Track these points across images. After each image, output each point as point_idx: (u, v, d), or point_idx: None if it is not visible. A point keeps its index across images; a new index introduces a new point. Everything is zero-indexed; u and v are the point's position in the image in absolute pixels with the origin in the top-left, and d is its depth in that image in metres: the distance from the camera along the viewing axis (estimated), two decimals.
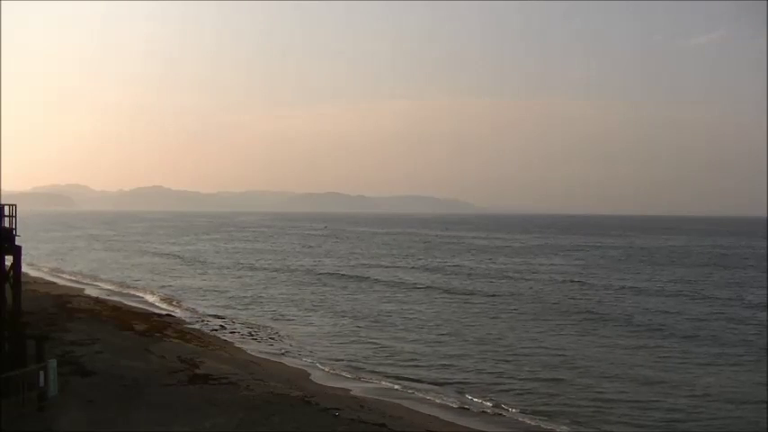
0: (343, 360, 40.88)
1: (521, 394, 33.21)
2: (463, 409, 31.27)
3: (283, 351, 43.42)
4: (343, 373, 37.80)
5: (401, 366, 39.29)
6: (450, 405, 31.93)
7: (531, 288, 73.74)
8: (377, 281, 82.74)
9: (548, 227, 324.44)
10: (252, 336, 48.29)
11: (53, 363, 25.21)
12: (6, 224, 26.13)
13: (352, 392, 32.80)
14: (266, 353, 42.43)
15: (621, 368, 38.03)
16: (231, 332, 49.12)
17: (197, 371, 31.78)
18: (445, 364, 39.67)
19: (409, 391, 34.13)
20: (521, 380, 35.98)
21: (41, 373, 24.36)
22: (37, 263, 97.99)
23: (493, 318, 55.85)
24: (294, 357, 41.72)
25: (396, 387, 34.92)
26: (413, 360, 40.83)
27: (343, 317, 56.74)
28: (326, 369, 38.72)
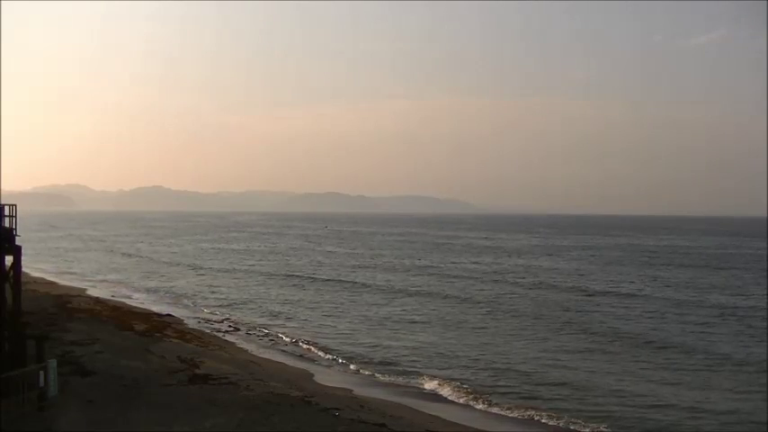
0: (343, 360, 40.90)
1: (520, 396, 33.15)
2: (464, 410, 31.31)
3: (283, 351, 43.46)
4: (344, 374, 37.84)
5: (402, 367, 39.27)
6: (451, 405, 31.97)
7: (529, 292, 72.76)
8: (377, 281, 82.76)
9: (547, 227, 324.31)
10: (252, 336, 48.33)
11: (53, 363, 25.19)
12: (6, 224, 26.14)
13: (352, 392, 32.79)
14: (266, 353, 42.46)
15: (614, 378, 36.54)
16: (231, 332, 49.14)
17: (197, 371, 31.75)
18: (445, 365, 39.66)
19: (410, 391, 34.18)
20: (520, 382, 35.89)
21: (41, 373, 24.34)
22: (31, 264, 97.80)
23: (494, 320, 55.80)
24: (294, 357, 41.75)
25: (396, 387, 34.94)
26: (413, 360, 40.82)
27: (343, 317, 56.75)
28: (326, 369, 38.75)
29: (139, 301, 64.60)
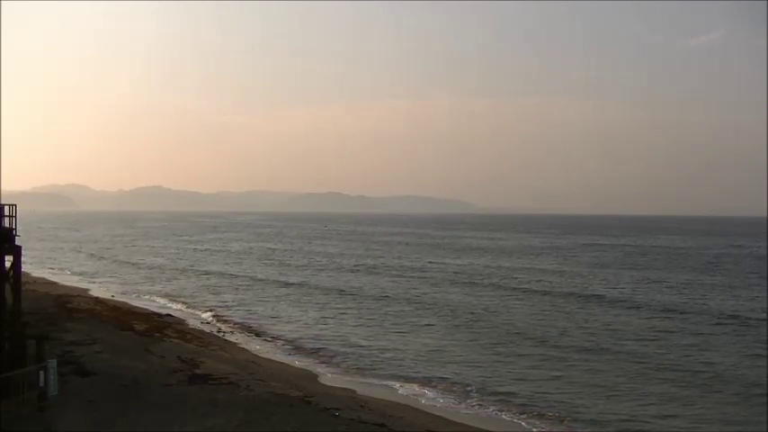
0: (343, 360, 40.93)
1: (518, 400, 33.05)
2: (463, 410, 31.35)
3: (284, 352, 43.49)
4: (345, 374, 37.84)
5: (402, 367, 39.34)
6: (451, 405, 32.00)
7: (527, 296, 71.48)
8: (377, 284, 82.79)
9: (547, 227, 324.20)
10: (252, 336, 48.35)
11: (53, 363, 25.20)
12: (6, 224, 26.15)
13: (352, 392, 32.81)
14: (267, 353, 42.50)
15: (603, 391, 34.44)
16: (231, 332, 49.18)
17: (197, 371, 31.75)
18: (445, 367, 39.70)
19: (410, 392, 34.21)
20: (518, 387, 35.89)
21: (41, 373, 24.35)
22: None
23: (492, 324, 55.73)
24: (295, 358, 41.79)
25: (397, 387, 34.98)
26: (414, 361, 40.90)
27: (344, 319, 56.81)
28: (328, 370, 38.76)
29: (139, 300, 64.67)
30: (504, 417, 30.40)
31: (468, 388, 34.56)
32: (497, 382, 35.77)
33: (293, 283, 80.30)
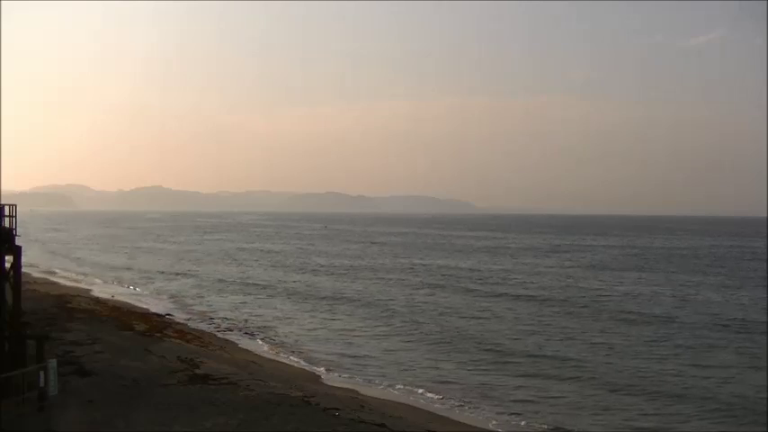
0: (343, 361, 40.96)
1: (517, 401, 33.06)
2: (463, 410, 31.36)
3: (283, 352, 43.50)
4: (344, 374, 37.86)
5: (402, 368, 39.39)
6: (451, 406, 32.02)
7: (525, 301, 70.44)
8: (378, 287, 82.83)
9: (547, 227, 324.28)
10: (252, 336, 48.35)
11: (53, 363, 25.22)
12: (6, 224, 26.18)
13: (353, 393, 32.82)
14: (267, 353, 42.51)
15: (594, 402, 33.19)
16: (231, 332, 49.17)
17: (197, 371, 31.77)
18: (445, 367, 39.77)
19: (410, 392, 34.27)
20: (518, 388, 35.89)
21: (41, 373, 24.37)
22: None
23: (494, 321, 55.81)
24: (294, 358, 41.81)
25: (397, 387, 35.02)
26: (413, 362, 40.95)
27: (343, 320, 56.86)
28: (326, 370, 38.77)
29: (141, 300, 64.68)
30: (500, 419, 30.36)
31: (468, 389, 34.55)
32: (495, 385, 35.76)
33: (294, 285, 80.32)
